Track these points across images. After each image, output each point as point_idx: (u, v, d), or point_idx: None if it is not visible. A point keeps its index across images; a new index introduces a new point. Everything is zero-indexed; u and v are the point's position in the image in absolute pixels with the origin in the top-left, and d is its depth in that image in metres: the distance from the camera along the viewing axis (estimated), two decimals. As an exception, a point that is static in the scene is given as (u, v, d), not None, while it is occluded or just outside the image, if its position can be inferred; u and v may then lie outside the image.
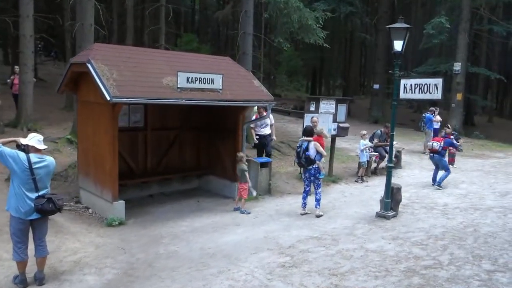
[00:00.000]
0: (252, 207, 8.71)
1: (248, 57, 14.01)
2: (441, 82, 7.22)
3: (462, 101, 22.04)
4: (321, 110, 10.43)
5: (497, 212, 8.23)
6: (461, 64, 21.42)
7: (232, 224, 7.61)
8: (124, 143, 8.95)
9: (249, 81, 9.07)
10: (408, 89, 7.68)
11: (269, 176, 9.59)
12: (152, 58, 7.99)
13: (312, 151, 8.25)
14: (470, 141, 19.67)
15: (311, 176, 8.36)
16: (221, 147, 9.63)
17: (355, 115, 29.17)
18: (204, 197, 9.43)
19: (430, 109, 16.25)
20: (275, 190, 9.96)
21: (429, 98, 7.42)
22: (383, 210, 8.02)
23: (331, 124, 10.76)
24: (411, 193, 9.96)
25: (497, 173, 12.58)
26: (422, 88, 7.47)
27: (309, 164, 8.26)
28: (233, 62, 9.45)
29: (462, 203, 9.02)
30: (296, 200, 9.33)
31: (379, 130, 12.32)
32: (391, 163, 8.09)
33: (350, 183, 11.12)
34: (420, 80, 7.50)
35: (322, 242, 6.63)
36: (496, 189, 10.31)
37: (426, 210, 8.53)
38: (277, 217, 8.08)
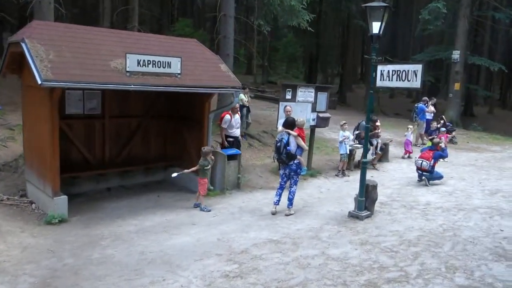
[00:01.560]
0: (215, 204, 7.99)
1: (229, 40, 13.17)
2: (420, 69, 6.41)
3: (460, 91, 21.14)
4: (299, 98, 9.62)
5: (483, 214, 7.49)
6: (460, 53, 20.49)
7: (187, 223, 6.90)
8: (79, 132, 8.25)
9: (215, 65, 8.28)
10: (385, 76, 6.88)
11: (238, 169, 8.85)
12: (103, 38, 7.20)
13: (293, 145, 7.46)
14: (467, 133, 18.83)
15: (291, 172, 7.56)
16: (188, 137, 8.89)
17: (351, 104, 28.33)
18: (167, 191, 8.72)
19: (423, 99, 15.41)
20: (245, 185, 9.23)
21: (408, 86, 6.62)
22: (357, 210, 7.29)
23: (309, 114, 9.98)
24: (393, 190, 9.22)
25: (490, 168, 11.80)
26: (400, 75, 6.67)
27: (290, 160, 7.46)
28: (200, 45, 8.64)
29: (446, 202, 8.27)
30: (266, 196, 8.62)
31: (364, 122, 11.50)
32: (365, 158, 7.32)
33: (330, 178, 10.38)
34: (398, 67, 6.69)
35: (280, 246, 5.92)
36: (486, 187, 9.54)
37: (405, 209, 7.79)
38: (239, 215, 7.37)
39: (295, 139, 7.52)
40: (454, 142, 15.88)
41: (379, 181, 10.03)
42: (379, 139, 11.47)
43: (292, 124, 7.65)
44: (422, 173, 9.55)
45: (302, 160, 7.72)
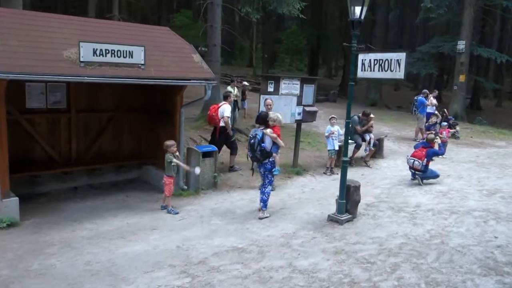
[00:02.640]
0: (186, 205, 7.41)
1: (216, 30, 12.53)
2: (404, 58, 5.73)
3: (465, 83, 20.25)
4: (282, 91, 8.97)
5: (477, 217, 6.80)
6: (466, 43, 19.59)
7: (149, 227, 6.32)
8: (42, 128, 7.70)
9: (187, 55, 7.65)
10: (366, 66, 6.21)
11: (215, 167, 8.24)
12: (61, 26, 6.61)
13: (267, 142, 6.85)
14: (471, 128, 17.99)
15: (265, 171, 7.01)
16: (161, 133, 8.29)
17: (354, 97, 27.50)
18: (139, 190, 8.16)
19: (423, 91, 14.61)
20: (224, 184, 8.63)
21: (390, 77, 5.94)
22: (337, 213, 6.66)
23: (295, 108, 9.32)
24: (383, 189, 8.56)
25: (492, 165, 11.04)
26: (382, 65, 5.99)
27: (265, 158, 6.86)
28: (172, 33, 8.01)
29: (438, 203, 7.59)
30: (243, 196, 8.02)
31: (356, 116, 10.81)
32: (346, 157, 6.66)
33: (316, 176, 9.73)
34: (380, 55, 6.01)
35: (244, 256, 5.32)
36: (484, 186, 8.83)
37: (392, 212, 7.14)
38: (209, 218, 6.77)
39: (270, 135, 6.91)
40: (456, 137, 15.10)
41: (369, 180, 9.47)
42: (372, 134, 10.76)
43: (264, 119, 6.98)
44: (415, 171, 8.86)
45: (277, 159, 7.10)
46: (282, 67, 40.95)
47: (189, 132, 11.85)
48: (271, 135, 6.90)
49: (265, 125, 6.94)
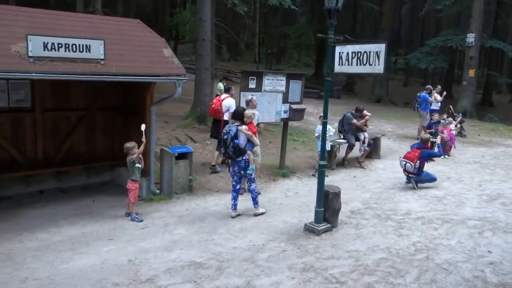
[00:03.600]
0: (155, 211, 6.87)
1: (206, 23, 11.93)
2: (383, 50, 5.07)
3: (475, 78, 19.29)
4: (265, 87, 8.35)
5: (472, 227, 6.12)
6: (475, 36, 18.63)
7: (106, 237, 5.80)
8: (3, 128, 7.23)
9: (157, 50, 7.09)
10: (344, 60, 5.56)
11: (190, 170, 7.68)
12: (11, 18, 6.10)
13: (242, 139, 6.47)
14: (480, 125, 17.09)
15: (240, 169, 6.63)
16: (134, 133, 7.74)
17: (359, 93, 26.70)
18: (108, 194, 7.64)
19: (427, 87, 13.83)
20: (201, 187, 8.07)
21: (370, 72, 5.29)
22: (314, 222, 6.04)
23: (280, 106, 8.70)
24: (373, 194, 7.90)
25: (497, 166, 10.26)
26: (360, 58, 5.34)
27: (239, 155, 6.51)
28: (143, 26, 7.45)
29: (431, 210, 6.92)
30: (219, 201, 7.46)
31: (349, 113, 10.14)
32: (323, 160, 6.02)
33: (304, 178, 9.10)
34: (358, 47, 5.36)
35: (200, 273, 4.75)
36: (485, 190, 8.10)
37: (378, 220, 6.49)
38: (174, 227, 6.22)
39: (246, 132, 6.44)
40: (462, 135, 14.29)
41: (360, 183, 8.80)
42: (366, 133, 10.07)
43: (241, 115, 6.60)
44: (408, 174, 8.18)
45: (251, 157, 6.60)
46: (289, 63, 40.18)
47: (175, 131, 11.33)
48: (247, 132, 6.47)
49: (241, 121, 6.56)
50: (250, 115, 6.63)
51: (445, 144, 11.07)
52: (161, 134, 10.85)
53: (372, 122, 16.57)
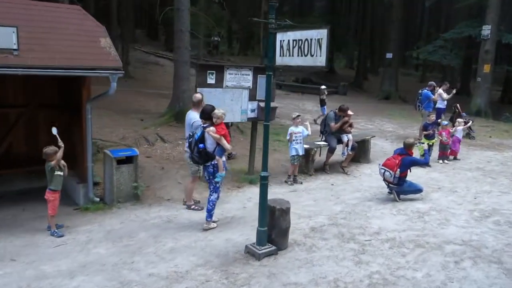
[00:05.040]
0: (84, 224, 6.04)
1: (183, 14, 11.04)
2: (325, 36, 4.04)
3: (490, 74, 17.78)
4: (227, 83, 7.39)
5: (449, 254, 5.05)
6: (492, 28, 17.12)
7: (8, 257, 4.99)
8: None
9: (93, 40, 6.23)
10: (285, 50, 4.55)
11: (135, 176, 6.81)
12: None
13: (209, 142, 5.70)
14: (493, 125, 15.65)
15: (209, 175, 5.84)
16: (74, 132, 6.97)
17: (368, 90, 25.35)
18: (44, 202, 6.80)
19: (429, 83, 12.56)
20: (152, 195, 7.21)
21: (311, 65, 4.27)
22: (256, 244, 5.07)
23: (246, 104, 7.73)
24: (345, 206, 6.86)
25: (502, 174, 9.02)
26: (301, 48, 4.32)
27: (206, 160, 5.76)
28: (83, 13, 6.59)
29: (406, 230, 5.85)
30: (164, 213, 6.58)
31: (333, 112, 9.08)
32: (266, 171, 5.03)
33: (274, 185, 8.10)
34: (299, 34, 4.34)
35: (89, 310, 3.87)
36: (480, 205, 6.95)
37: (338, 241, 5.47)
38: (95, 245, 5.36)
39: (213, 135, 5.63)
40: (471, 137, 12.97)
41: (336, 192, 7.76)
42: (350, 135, 8.98)
43: (210, 114, 5.77)
44: (389, 184, 7.09)
45: (220, 163, 5.75)
46: (301, 58, 38.90)
47: (147, 130, 10.48)
48: (214, 135, 5.62)
49: (210, 122, 5.74)
50: (219, 115, 5.74)
51: (444, 147, 9.88)
52: (130, 133, 10.05)
53: (373, 121, 15.44)
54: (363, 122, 14.87)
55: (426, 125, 9.59)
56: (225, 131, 5.80)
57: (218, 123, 5.75)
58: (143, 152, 9.06)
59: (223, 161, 5.92)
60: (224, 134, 5.78)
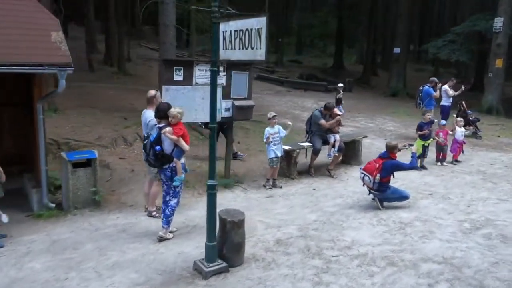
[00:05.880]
0: (33, 232, 5.58)
1: (168, 7, 10.53)
2: (264, 25, 3.46)
3: (503, 69, 16.79)
4: (197, 80, 6.84)
5: (424, 275, 4.44)
6: (504, 20, 16.14)
7: None
8: None
9: (43, 34, 5.76)
10: (227, 42, 4.00)
11: (94, 180, 6.34)
12: None
13: (167, 144, 5.25)
14: (503, 124, 14.72)
15: (167, 179, 5.38)
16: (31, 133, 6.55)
17: (376, 86, 24.47)
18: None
19: (431, 79, 11.78)
20: (114, 200, 6.73)
21: (251, 58, 3.72)
22: (205, 260, 4.54)
23: (220, 102, 7.17)
24: (321, 215, 6.27)
25: (503, 179, 8.27)
26: (242, 39, 3.76)
27: (163, 163, 5.31)
28: (35, 5, 6.12)
29: (382, 243, 5.24)
30: (121, 221, 6.09)
31: (318, 110, 8.45)
32: (213, 179, 4.47)
33: (251, 190, 7.55)
34: (240, 23, 3.79)
35: None
36: (472, 214, 6.27)
37: (302, 257, 4.90)
38: (32, 258, 4.89)
39: (170, 137, 5.17)
40: (477, 136, 12.16)
41: (315, 198, 7.15)
42: (338, 135, 8.34)
43: (165, 113, 5.29)
44: (370, 190, 6.47)
45: (179, 166, 5.28)
46: (312, 53, 38.09)
47: (128, 129, 10.01)
48: (171, 136, 5.16)
49: (167, 121, 5.27)
50: (175, 114, 5.25)
51: (441, 149, 9.15)
52: (109, 132, 9.61)
53: (375, 119, 14.72)
54: (363, 120, 14.16)
55: (421, 125, 8.88)
56: (183, 131, 5.30)
57: (174, 123, 5.27)
58: (118, 153, 8.65)
59: (182, 163, 5.43)
60: (183, 134, 5.30)
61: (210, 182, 4.41)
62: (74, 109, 11.05)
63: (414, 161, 6.48)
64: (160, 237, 5.38)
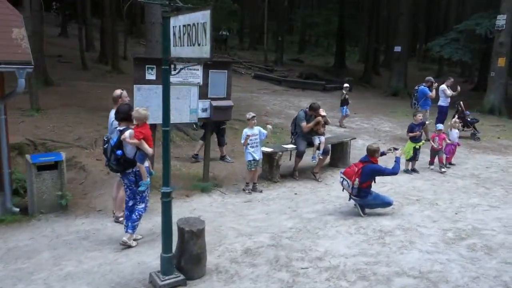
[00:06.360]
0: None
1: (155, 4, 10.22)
2: (209, 19, 3.14)
3: (505, 68, 16.30)
4: (172, 79, 6.48)
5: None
6: (507, 17, 15.65)
7: None
8: None
9: (4, 30, 5.48)
10: (177, 38, 3.68)
11: (61, 183, 6.07)
12: None
13: (129, 148, 5.00)
14: (504, 125, 14.26)
15: (131, 184, 5.11)
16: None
17: (378, 85, 23.99)
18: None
19: (426, 79, 11.37)
20: (83, 205, 6.46)
21: (198, 56, 3.39)
22: (160, 273, 4.23)
23: (196, 102, 6.87)
24: (298, 222, 5.94)
25: (497, 184, 7.87)
26: (190, 35, 3.44)
27: (126, 168, 5.06)
28: (-1, 0, 5.86)
29: (357, 254, 4.90)
30: (88, 226, 5.84)
31: (303, 111, 8.12)
32: (167, 185, 4.15)
33: (230, 194, 7.23)
34: (188, 17, 3.46)
35: None
36: (459, 222, 5.90)
37: (268, 269, 4.58)
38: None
39: (130, 141, 4.91)
40: (475, 138, 11.75)
41: (295, 204, 6.81)
42: (323, 137, 8.00)
43: (126, 114, 5.09)
44: (350, 195, 6.12)
45: (143, 170, 5.02)
46: (314, 52, 37.63)
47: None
48: (131, 141, 4.89)
49: (128, 123, 5.06)
50: (136, 115, 5.00)
51: (435, 153, 8.68)
52: (90, 132, 9.39)
53: (371, 120, 14.34)
54: (359, 121, 13.79)
55: (412, 126, 8.51)
56: (144, 135, 5.00)
57: (138, 125, 5.00)
58: (97, 154, 8.37)
59: (146, 167, 5.14)
60: (144, 137, 5.01)
61: (164, 189, 4.09)
62: (58, 108, 10.82)
63: (397, 166, 6.11)
64: (123, 242, 5.12)
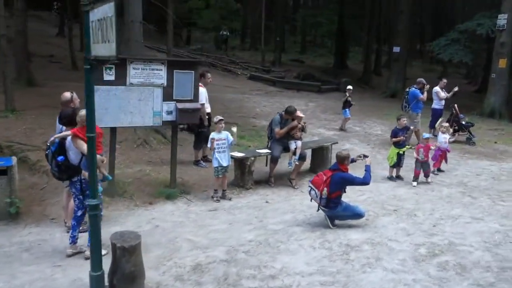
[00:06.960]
0: None
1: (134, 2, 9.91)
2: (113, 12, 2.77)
3: (507, 69, 15.71)
4: (132, 79, 6.18)
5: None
6: (508, 17, 15.08)
7: None
8: None
9: None
10: (95, 34, 3.29)
11: (10, 190, 5.72)
12: None
13: (73, 153, 4.71)
14: (503, 128, 13.68)
15: (78, 192, 4.83)
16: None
17: (376, 87, 23.43)
18: None
19: (418, 80, 10.87)
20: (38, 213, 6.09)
21: (107, 54, 3.00)
22: (90, 293, 3.85)
23: (160, 104, 6.50)
24: (260, 234, 5.56)
25: (485, 193, 7.39)
26: (103, 31, 3.06)
27: (70, 175, 4.80)
28: None
29: (315, 272, 4.50)
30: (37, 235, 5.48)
31: (279, 114, 7.71)
32: (94, 197, 3.75)
33: (196, 202, 6.82)
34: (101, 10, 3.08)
35: None
36: (434, 236, 5.46)
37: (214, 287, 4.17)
38: None
39: (74, 143, 4.60)
40: (470, 143, 11.23)
41: (263, 214, 6.38)
42: (299, 141, 7.57)
43: (71, 118, 4.83)
44: (318, 206, 5.69)
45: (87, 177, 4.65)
46: (315, 52, 37.06)
47: (86, 130, 9.41)
48: (79, 146, 4.54)
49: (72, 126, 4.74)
50: (81, 119, 4.64)
51: (423, 166, 8.00)
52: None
53: (363, 123, 13.85)
54: (350, 124, 13.26)
55: (395, 131, 8.05)
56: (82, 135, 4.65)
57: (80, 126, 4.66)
58: (65, 157, 8.03)
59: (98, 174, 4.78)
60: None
61: (91, 202, 3.70)
62: (35, 110, 10.49)
63: (367, 175, 5.66)
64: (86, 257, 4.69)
